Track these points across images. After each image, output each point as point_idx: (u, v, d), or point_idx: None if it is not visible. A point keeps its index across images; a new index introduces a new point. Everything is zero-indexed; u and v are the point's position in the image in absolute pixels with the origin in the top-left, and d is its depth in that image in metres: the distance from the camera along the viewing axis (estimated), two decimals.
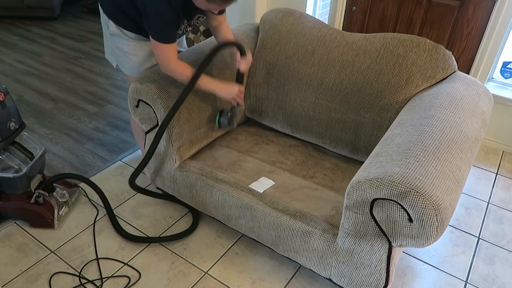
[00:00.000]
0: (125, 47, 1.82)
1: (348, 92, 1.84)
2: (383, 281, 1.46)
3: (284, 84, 2.00)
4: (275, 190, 1.75)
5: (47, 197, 1.95)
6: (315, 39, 1.95)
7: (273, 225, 1.63)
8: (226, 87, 1.76)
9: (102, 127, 2.78)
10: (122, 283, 1.73)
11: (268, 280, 1.76)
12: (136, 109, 1.84)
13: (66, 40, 4.20)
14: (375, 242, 1.39)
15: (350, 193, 1.35)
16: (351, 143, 1.90)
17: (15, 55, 3.82)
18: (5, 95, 1.77)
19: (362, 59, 1.83)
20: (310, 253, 1.58)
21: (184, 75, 1.65)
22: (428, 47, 1.74)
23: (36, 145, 1.96)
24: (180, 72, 1.65)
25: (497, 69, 2.62)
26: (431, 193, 1.19)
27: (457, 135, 1.42)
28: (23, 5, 4.50)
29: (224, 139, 2.07)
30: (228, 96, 1.77)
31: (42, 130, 2.73)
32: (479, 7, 2.38)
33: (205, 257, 1.86)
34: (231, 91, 1.76)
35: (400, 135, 1.44)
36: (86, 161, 2.44)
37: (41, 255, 1.84)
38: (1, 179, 1.84)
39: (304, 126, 2.01)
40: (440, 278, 1.82)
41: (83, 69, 3.59)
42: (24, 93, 3.17)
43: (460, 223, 2.11)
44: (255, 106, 2.13)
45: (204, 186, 1.79)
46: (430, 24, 2.57)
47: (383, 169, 1.29)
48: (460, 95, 1.63)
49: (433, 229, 1.20)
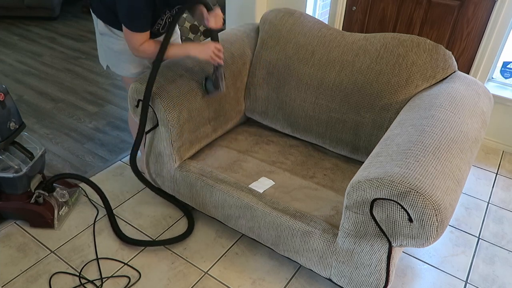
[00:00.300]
0: (115, 46, 1.82)
1: (348, 92, 1.84)
2: (383, 281, 1.46)
3: (284, 84, 2.00)
4: (275, 190, 1.75)
5: (47, 197, 1.95)
6: (315, 39, 1.95)
7: (273, 225, 1.63)
8: (199, 46, 1.67)
9: (102, 127, 2.78)
10: (122, 283, 1.73)
11: (268, 280, 1.76)
12: (136, 109, 1.84)
13: (66, 40, 4.20)
14: (375, 242, 1.39)
15: (350, 193, 1.35)
16: (351, 143, 1.90)
17: (15, 55, 3.82)
18: (5, 95, 1.77)
19: (362, 59, 1.83)
20: (310, 253, 1.58)
21: (151, 51, 1.65)
22: (428, 47, 1.74)
23: (36, 145, 1.96)
24: (148, 49, 1.65)
25: (497, 69, 2.62)
26: (431, 193, 1.19)
27: (457, 135, 1.42)
28: (23, 5, 4.50)
29: (224, 139, 2.07)
30: (204, 55, 1.67)
31: (42, 130, 2.73)
32: (479, 7, 2.38)
33: (205, 257, 1.86)
34: (206, 49, 1.66)
35: (400, 135, 1.44)
36: (86, 161, 2.44)
37: (41, 255, 1.84)
38: (1, 179, 1.84)
39: (304, 126, 2.01)
40: (440, 278, 1.82)
41: (83, 69, 3.59)
42: (24, 93, 3.17)
43: (460, 223, 2.11)
44: (255, 106, 2.13)
45: (204, 186, 1.79)
46: (430, 24, 2.57)
47: (383, 169, 1.29)
48: (460, 95, 1.63)
49: (433, 229, 1.20)
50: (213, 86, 1.79)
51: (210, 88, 1.81)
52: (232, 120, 2.10)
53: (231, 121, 2.09)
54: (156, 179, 1.99)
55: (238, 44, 2.06)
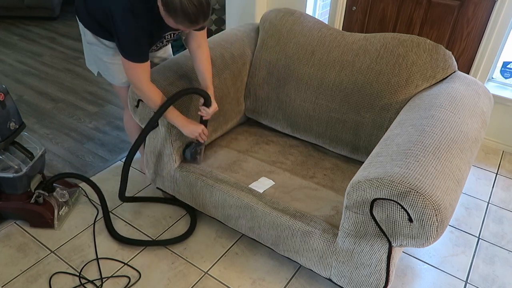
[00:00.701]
0: (103, 56, 1.80)
1: (348, 92, 1.84)
2: (383, 281, 1.46)
3: (284, 84, 2.00)
4: (275, 190, 1.75)
5: (47, 197, 1.95)
6: (315, 39, 1.95)
7: (273, 225, 1.63)
8: (190, 125, 1.71)
9: (102, 127, 2.78)
10: (122, 283, 1.73)
11: (268, 280, 1.76)
12: (136, 110, 1.84)
13: (66, 40, 4.20)
14: (375, 242, 1.39)
15: (350, 193, 1.35)
16: (351, 143, 1.90)
17: (15, 55, 3.82)
18: (5, 95, 1.77)
19: (362, 59, 1.83)
20: (310, 253, 1.58)
21: (152, 101, 1.63)
22: (428, 47, 1.74)
23: (36, 145, 1.96)
24: (150, 97, 1.62)
25: (497, 69, 2.62)
26: (431, 193, 1.19)
27: (457, 135, 1.42)
28: (23, 5, 4.50)
29: (224, 139, 2.07)
30: (190, 134, 1.72)
31: (42, 130, 2.73)
32: (479, 7, 2.38)
33: (205, 257, 1.86)
34: (194, 130, 1.71)
35: (400, 135, 1.44)
36: (86, 161, 2.44)
37: (41, 255, 1.84)
38: (1, 179, 1.84)
39: (304, 126, 2.01)
40: (440, 278, 1.82)
41: (83, 69, 3.59)
42: (24, 93, 3.17)
43: (460, 223, 2.11)
44: (255, 106, 2.13)
45: (204, 186, 1.79)
46: (430, 24, 2.57)
47: (383, 169, 1.29)
48: (460, 95, 1.63)
49: (433, 229, 1.20)
50: (191, 156, 1.84)
51: (187, 157, 1.85)
52: (232, 120, 2.10)
53: (231, 121, 2.09)
54: (156, 179, 1.99)
55: (238, 44, 2.06)
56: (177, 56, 1.94)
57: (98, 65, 1.89)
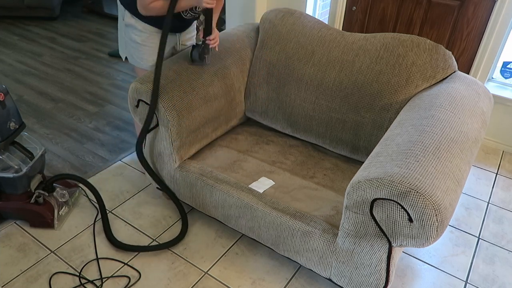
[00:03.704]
0: (137, 37, 1.88)
1: (348, 92, 1.84)
2: (383, 281, 1.46)
3: (284, 84, 2.00)
4: (275, 190, 1.75)
5: (47, 197, 1.95)
6: (315, 39, 1.95)
7: (273, 225, 1.63)
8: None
9: (102, 127, 2.78)
10: (122, 283, 1.73)
11: (268, 280, 1.76)
12: (136, 109, 1.84)
13: (66, 40, 4.20)
14: (375, 242, 1.39)
15: (350, 193, 1.35)
16: (351, 143, 1.90)
17: (15, 55, 3.82)
18: (5, 95, 1.77)
19: (362, 59, 1.83)
20: (310, 253, 1.58)
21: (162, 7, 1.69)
22: (428, 47, 1.74)
23: (36, 145, 1.96)
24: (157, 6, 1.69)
25: (497, 69, 2.62)
26: (431, 193, 1.19)
27: (457, 135, 1.42)
28: (23, 5, 4.50)
29: (224, 139, 2.07)
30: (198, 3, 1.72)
31: (42, 130, 2.73)
32: (479, 7, 2.38)
33: (205, 257, 1.86)
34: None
35: (400, 135, 1.44)
36: (86, 161, 2.44)
37: (41, 255, 1.84)
38: (1, 179, 1.84)
39: (304, 126, 2.01)
40: (440, 278, 1.82)
41: (83, 69, 3.59)
42: (24, 93, 3.17)
43: (460, 223, 2.11)
44: (255, 106, 2.13)
45: (204, 186, 1.79)
46: (430, 24, 2.57)
47: (383, 169, 1.29)
48: (460, 95, 1.63)
49: (433, 229, 1.20)
50: (199, 56, 1.83)
51: (195, 57, 1.84)
52: (232, 120, 2.10)
53: (231, 121, 2.09)
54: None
55: (238, 44, 2.06)
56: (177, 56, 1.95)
57: (129, 47, 1.95)
